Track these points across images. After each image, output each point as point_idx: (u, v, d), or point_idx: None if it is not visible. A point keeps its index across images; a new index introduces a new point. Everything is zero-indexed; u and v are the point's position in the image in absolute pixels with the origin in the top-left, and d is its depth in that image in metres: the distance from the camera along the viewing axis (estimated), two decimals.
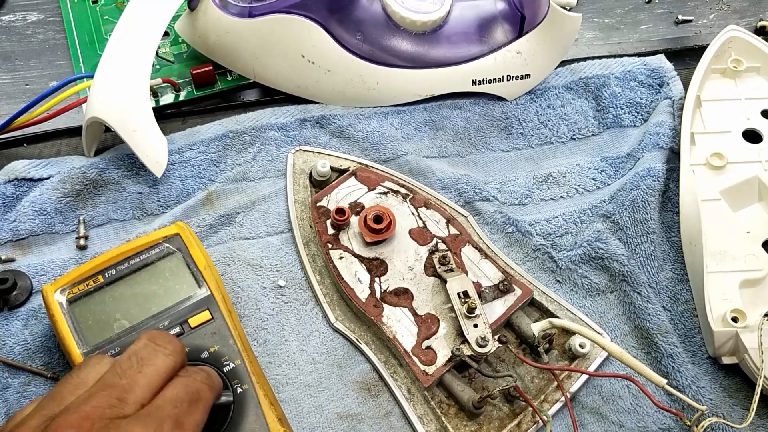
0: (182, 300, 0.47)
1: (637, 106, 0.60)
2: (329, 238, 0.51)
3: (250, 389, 0.44)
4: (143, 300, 0.46)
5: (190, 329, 0.45)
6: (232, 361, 0.45)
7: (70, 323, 0.45)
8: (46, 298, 0.46)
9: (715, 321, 0.48)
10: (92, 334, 0.45)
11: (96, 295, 0.46)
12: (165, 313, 0.46)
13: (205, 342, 0.45)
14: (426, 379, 0.46)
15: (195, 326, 0.45)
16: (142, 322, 0.46)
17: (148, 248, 0.48)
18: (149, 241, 0.48)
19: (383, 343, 0.49)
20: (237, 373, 0.44)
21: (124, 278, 0.47)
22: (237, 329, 0.46)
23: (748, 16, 0.67)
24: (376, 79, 0.58)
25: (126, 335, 0.45)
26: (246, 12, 0.56)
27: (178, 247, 0.48)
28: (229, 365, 0.44)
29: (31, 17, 0.65)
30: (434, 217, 0.53)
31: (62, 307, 0.46)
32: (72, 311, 0.46)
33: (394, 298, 0.49)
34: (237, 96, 0.61)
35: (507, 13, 0.58)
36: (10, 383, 0.47)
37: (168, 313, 0.46)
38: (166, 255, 0.48)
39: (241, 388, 0.44)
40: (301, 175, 0.56)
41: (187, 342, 0.45)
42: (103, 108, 0.52)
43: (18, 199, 0.53)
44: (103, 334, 0.45)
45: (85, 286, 0.47)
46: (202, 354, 0.45)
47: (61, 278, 0.47)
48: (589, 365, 0.49)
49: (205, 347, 0.45)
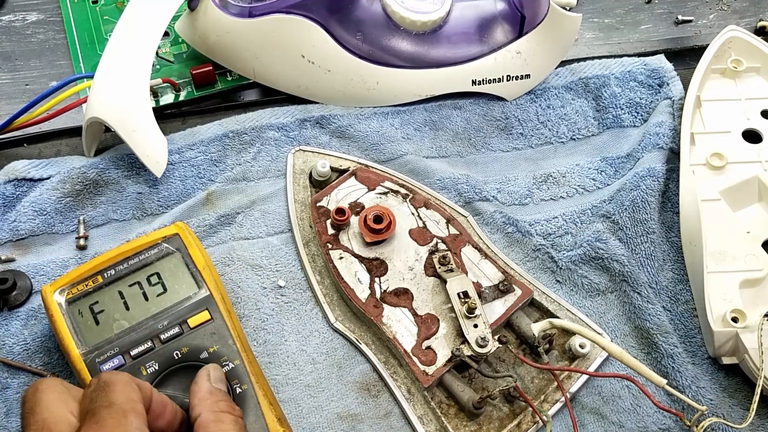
0: (181, 300, 0.46)
1: (637, 106, 0.60)
2: (329, 238, 0.51)
3: (249, 389, 0.44)
4: (142, 300, 0.46)
5: (189, 329, 0.45)
6: (231, 361, 0.45)
7: (70, 324, 0.45)
8: (45, 298, 0.46)
9: (715, 321, 0.48)
10: (91, 334, 0.45)
11: (95, 295, 0.46)
12: (164, 313, 0.46)
13: (205, 342, 0.45)
14: (426, 380, 0.46)
15: (194, 326, 0.45)
16: (141, 323, 0.45)
17: (148, 248, 0.48)
18: (148, 241, 0.48)
19: (383, 344, 0.49)
20: (236, 374, 0.44)
21: (123, 278, 0.47)
22: (236, 329, 0.46)
23: (748, 16, 0.67)
24: (376, 79, 0.58)
25: (125, 335, 0.45)
26: (246, 12, 0.56)
27: (177, 247, 0.48)
28: (229, 365, 0.44)
29: (31, 17, 0.65)
30: (434, 217, 0.53)
31: (61, 307, 0.46)
32: (71, 311, 0.46)
33: (394, 298, 0.49)
34: (237, 96, 0.61)
35: (507, 13, 0.58)
36: (9, 383, 0.47)
37: (167, 313, 0.46)
38: (165, 255, 0.48)
39: (240, 388, 0.44)
40: (301, 175, 0.56)
41: (186, 342, 0.45)
42: (103, 108, 0.52)
43: (18, 199, 0.53)
44: (102, 335, 0.45)
45: (84, 287, 0.46)
46: (201, 354, 0.45)
47: (61, 278, 0.47)
48: (589, 365, 0.49)
49: (205, 347, 0.45)
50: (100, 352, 0.44)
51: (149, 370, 0.44)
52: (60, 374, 0.48)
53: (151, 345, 0.45)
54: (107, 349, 0.44)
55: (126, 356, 0.44)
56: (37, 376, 0.48)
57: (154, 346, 0.45)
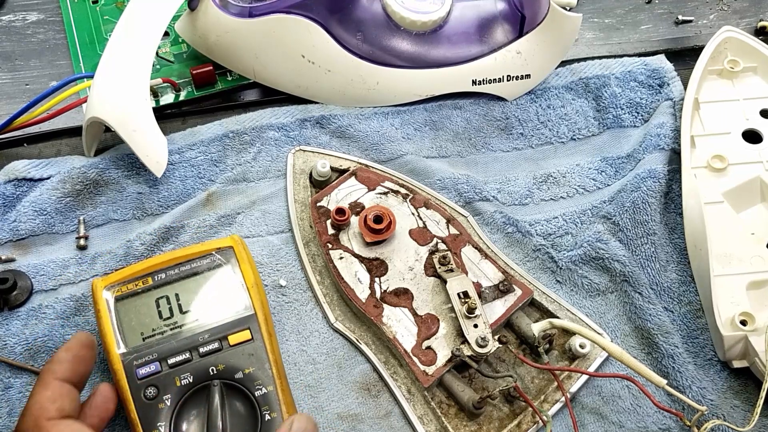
0: (225, 315, 0.46)
1: (638, 106, 0.60)
2: (329, 238, 0.51)
3: (278, 419, 0.43)
4: (187, 309, 0.46)
5: (229, 346, 0.45)
6: (264, 387, 0.43)
7: (114, 322, 0.45)
8: (94, 292, 0.46)
9: (723, 325, 0.48)
10: (133, 336, 0.45)
11: (143, 296, 0.46)
12: (206, 325, 0.45)
13: (242, 362, 0.44)
14: (426, 380, 0.46)
15: (234, 344, 0.45)
16: (182, 332, 0.45)
17: (200, 257, 0.47)
18: (202, 250, 0.47)
19: (383, 344, 0.49)
20: (267, 400, 0.43)
21: (172, 284, 0.46)
22: (275, 354, 0.45)
23: (748, 16, 0.67)
24: (376, 79, 0.58)
25: (165, 342, 0.44)
26: (246, 12, 0.56)
27: (229, 260, 0.47)
28: (261, 390, 0.43)
29: (31, 17, 0.65)
30: (434, 217, 0.53)
31: (108, 304, 0.45)
32: (117, 309, 0.45)
33: (394, 298, 0.49)
34: (237, 96, 0.61)
35: (507, 13, 0.58)
36: (12, 383, 0.47)
37: (209, 326, 0.45)
38: (216, 266, 0.47)
39: (269, 415, 0.43)
40: (301, 175, 0.56)
41: (223, 359, 0.44)
42: (104, 108, 0.52)
43: (18, 199, 0.53)
44: (143, 338, 0.45)
45: (133, 286, 0.46)
46: (236, 374, 0.44)
47: (112, 275, 0.47)
48: (589, 365, 0.49)
49: (241, 368, 0.44)
50: (139, 355, 0.44)
51: (183, 382, 0.43)
52: None
53: (189, 356, 0.44)
54: (146, 354, 0.44)
55: (163, 363, 0.44)
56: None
57: (191, 358, 0.44)
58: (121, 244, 0.52)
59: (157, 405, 0.43)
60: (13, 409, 0.46)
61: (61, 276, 0.51)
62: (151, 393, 0.43)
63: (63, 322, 0.49)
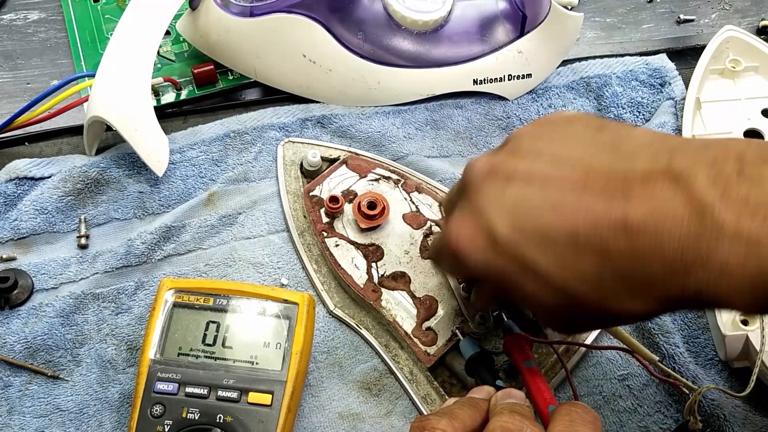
0: (258, 367, 0.44)
1: (639, 105, 0.60)
2: (324, 226, 0.52)
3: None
4: (229, 345, 0.45)
5: (246, 403, 0.43)
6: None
7: (161, 325, 0.45)
8: (160, 289, 0.46)
9: (725, 325, 0.48)
10: (171, 347, 0.44)
11: (198, 312, 0.45)
12: (236, 369, 0.44)
13: (250, 424, 0.42)
14: (428, 360, 0.47)
15: (251, 402, 0.43)
16: (213, 364, 0.44)
17: (265, 300, 0.46)
18: (272, 295, 0.46)
19: (383, 327, 0.50)
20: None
21: (228, 313, 0.46)
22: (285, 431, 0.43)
23: (750, 15, 0.67)
24: (377, 79, 0.58)
25: (193, 368, 0.44)
26: (247, 11, 0.56)
27: (290, 317, 0.46)
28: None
29: (32, 16, 0.65)
30: (427, 201, 0.53)
31: (166, 305, 0.45)
32: (171, 314, 0.45)
33: (391, 282, 0.50)
34: (238, 95, 0.61)
35: (508, 12, 0.58)
36: (11, 382, 0.47)
37: (238, 371, 0.44)
38: (275, 316, 0.46)
39: None
40: (291, 166, 0.56)
41: (234, 412, 0.43)
42: (105, 107, 0.52)
43: (19, 197, 0.53)
44: (177, 353, 0.44)
45: (195, 299, 0.46)
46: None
47: (183, 281, 0.46)
48: (586, 338, 0.49)
49: (246, 429, 0.42)
50: (166, 369, 0.43)
51: (189, 416, 0.42)
52: (62, 373, 0.48)
53: (206, 394, 0.43)
54: (172, 371, 0.43)
55: (181, 388, 0.43)
56: (38, 374, 0.48)
57: (207, 396, 0.43)
58: (122, 243, 0.52)
59: (156, 426, 0.42)
60: (13, 407, 0.46)
61: (62, 275, 0.51)
62: (157, 411, 0.42)
63: (63, 321, 0.49)
